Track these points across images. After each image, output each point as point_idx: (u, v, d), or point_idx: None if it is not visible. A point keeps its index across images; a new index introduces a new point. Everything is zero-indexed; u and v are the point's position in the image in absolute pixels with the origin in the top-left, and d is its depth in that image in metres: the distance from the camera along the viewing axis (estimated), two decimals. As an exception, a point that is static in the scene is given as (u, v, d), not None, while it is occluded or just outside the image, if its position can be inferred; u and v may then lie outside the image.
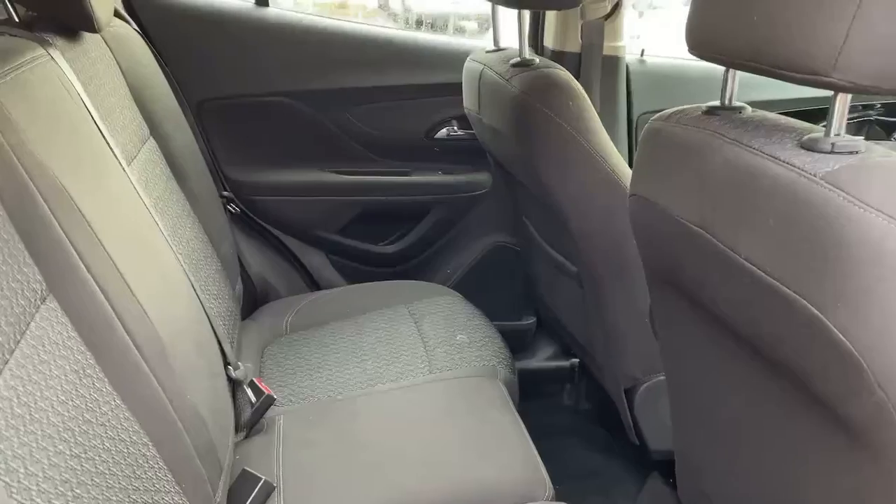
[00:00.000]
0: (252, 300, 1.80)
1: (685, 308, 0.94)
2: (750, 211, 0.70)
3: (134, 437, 0.86)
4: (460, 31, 2.69)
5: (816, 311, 0.63)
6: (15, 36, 1.06)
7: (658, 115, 0.89)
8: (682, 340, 1.02)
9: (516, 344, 2.04)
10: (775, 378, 0.79)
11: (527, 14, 1.34)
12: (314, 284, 1.94)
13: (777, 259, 0.67)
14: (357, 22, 1.80)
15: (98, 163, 1.03)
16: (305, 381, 1.43)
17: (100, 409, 0.81)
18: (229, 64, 1.72)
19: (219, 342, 1.24)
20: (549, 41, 1.78)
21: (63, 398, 0.75)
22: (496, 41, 1.51)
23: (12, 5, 1.15)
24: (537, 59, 1.34)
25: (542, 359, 2.05)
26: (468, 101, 1.55)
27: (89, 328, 0.84)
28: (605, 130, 1.26)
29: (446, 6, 2.94)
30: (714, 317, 0.85)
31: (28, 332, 0.74)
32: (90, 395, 0.80)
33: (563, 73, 1.28)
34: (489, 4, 1.46)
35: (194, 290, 1.20)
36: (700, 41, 0.76)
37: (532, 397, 1.97)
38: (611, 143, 1.26)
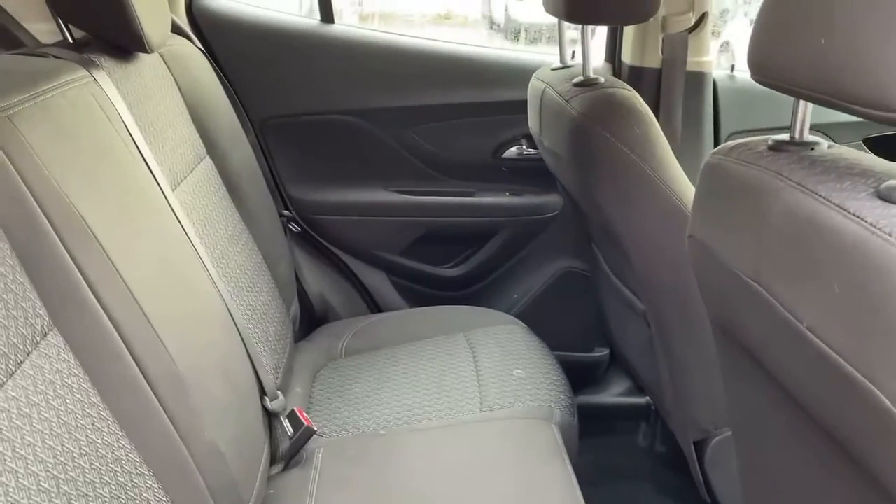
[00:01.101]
0: (310, 320, 1.77)
1: (750, 365, 0.82)
2: (812, 271, 0.58)
3: (136, 481, 0.82)
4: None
5: (891, 406, 0.51)
6: (60, 58, 1.06)
7: (719, 147, 0.77)
8: (748, 397, 0.90)
9: (587, 377, 1.93)
10: (850, 464, 0.66)
11: (590, 29, 1.24)
12: (374, 306, 1.89)
13: (843, 334, 0.55)
14: (423, 38, 1.74)
15: (129, 188, 1.01)
16: (352, 410, 1.38)
17: (96, 449, 0.77)
18: (293, 81, 1.70)
19: (255, 372, 1.20)
20: (626, 56, 1.66)
21: (56, 433, 0.72)
22: (562, 58, 1.41)
23: (67, 27, 1.15)
24: (602, 79, 1.23)
25: (616, 394, 1.92)
26: (531, 121, 1.45)
27: (95, 364, 0.81)
28: (674, 157, 1.14)
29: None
30: (781, 381, 0.73)
31: (22, 368, 0.71)
32: (87, 434, 0.77)
33: (629, 94, 1.17)
34: None
35: (232, 317, 1.16)
36: (763, 66, 0.64)
37: (602, 434, 1.85)
38: (681, 172, 1.14)
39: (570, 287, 1.87)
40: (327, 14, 1.68)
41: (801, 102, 0.68)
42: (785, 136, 0.70)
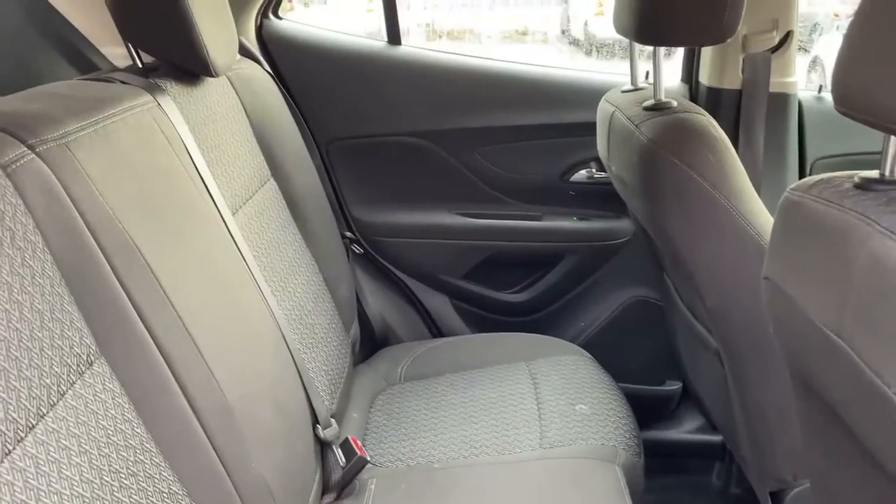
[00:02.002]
0: (371, 343, 1.76)
1: (830, 420, 0.74)
2: (903, 332, 0.51)
3: (178, 513, 0.81)
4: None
5: None
6: (126, 83, 1.07)
7: (799, 183, 0.70)
8: (829, 451, 0.81)
9: (657, 412, 1.84)
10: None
11: (662, 49, 1.18)
12: (436, 330, 1.86)
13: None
14: (490, 59, 1.71)
15: (186, 214, 1.01)
16: (407, 439, 1.34)
17: (137, 481, 0.76)
18: (360, 103, 1.70)
19: (309, 400, 1.18)
20: (704, 76, 1.58)
21: (95, 465, 0.71)
22: (633, 79, 1.34)
23: (137, 52, 1.17)
24: (674, 102, 1.16)
25: (688, 430, 1.83)
26: (600, 146, 1.40)
27: (142, 394, 0.80)
28: (753, 188, 1.06)
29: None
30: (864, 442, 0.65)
31: (64, 399, 0.71)
32: (128, 466, 0.76)
33: (703, 119, 1.10)
34: None
35: (286, 343, 1.15)
36: (848, 97, 0.58)
37: (672, 474, 1.75)
38: (761, 205, 1.06)
39: (640, 317, 1.79)
40: (394, 36, 1.68)
41: (893, 138, 0.60)
42: (874, 173, 0.63)
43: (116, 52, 1.39)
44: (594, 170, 1.71)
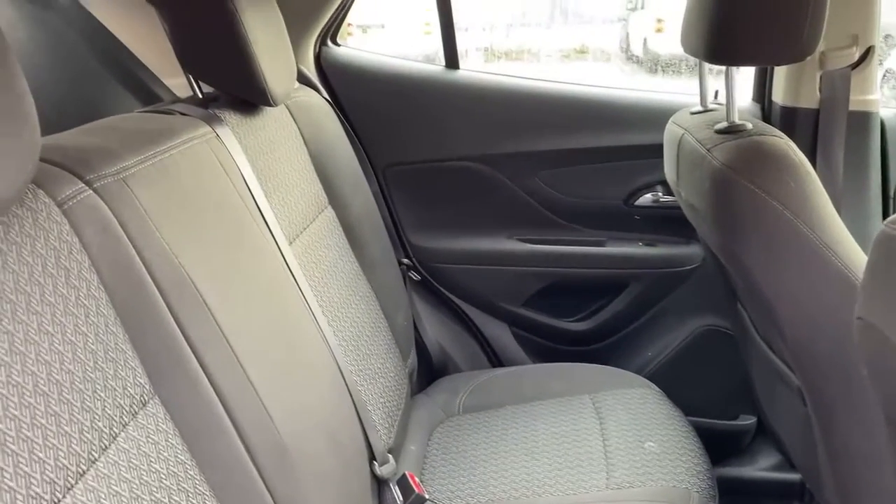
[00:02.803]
0: (429, 371, 1.72)
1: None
2: None
3: (231, 558, 0.78)
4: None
5: None
6: (185, 114, 1.07)
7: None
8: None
9: (730, 447, 1.74)
10: None
11: (735, 70, 1.11)
12: (495, 359, 1.81)
13: None
14: (550, 81, 1.67)
15: (244, 246, 1.00)
16: (466, 475, 1.30)
17: (191, 527, 0.74)
18: (418, 128, 1.68)
19: (365, 435, 1.15)
20: (778, 96, 1.50)
21: None
22: (703, 100, 1.28)
23: (197, 83, 1.18)
24: (749, 124, 1.10)
25: (764, 467, 1.72)
26: (668, 170, 1.33)
27: (195, 434, 0.78)
28: (837, 215, 0.99)
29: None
30: None
31: (116, 442, 0.69)
32: (182, 510, 0.74)
33: (781, 143, 1.03)
34: None
35: (343, 377, 1.12)
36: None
37: (748, 512, 1.66)
38: (846, 232, 0.98)
39: (710, 347, 1.71)
40: (452, 60, 1.66)
41: None
42: None
43: (178, 82, 1.41)
44: (660, 193, 1.64)
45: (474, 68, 1.70)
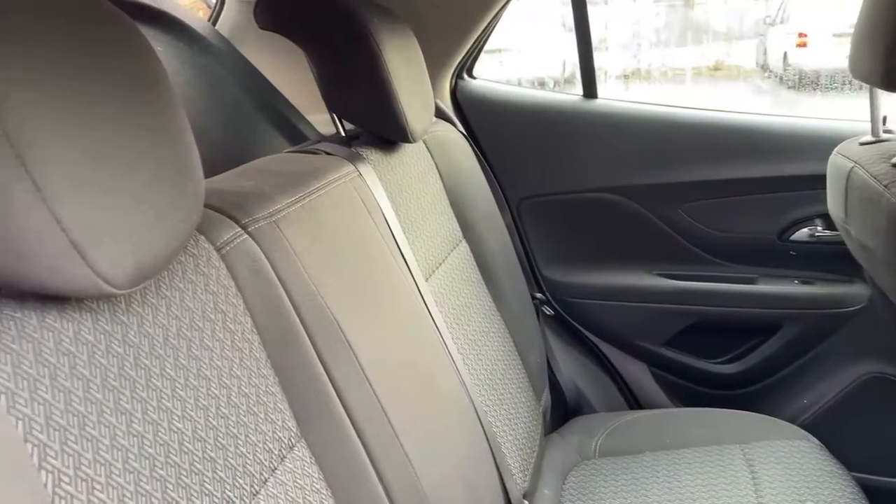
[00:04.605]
0: (562, 411, 1.66)
1: None
2: None
3: None
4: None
5: None
6: (330, 154, 1.09)
7: None
8: None
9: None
10: None
11: (920, 97, 1.00)
12: (633, 400, 1.72)
13: None
14: (695, 108, 1.58)
15: (384, 285, 1.00)
16: (606, 525, 1.23)
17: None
18: (553, 159, 1.64)
19: (501, 479, 1.11)
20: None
21: None
22: (874, 130, 1.17)
23: (340, 121, 1.20)
24: (936, 157, 0.98)
25: (942, 533, 1.53)
26: (833, 205, 1.22)
27: (338, 479, 0.78)
28: None
29: (843, 59, 2.56)
30: None
31: (268, 485, 0.69)
32: (325, 558, 0.73)
33: (978, 178, 0.91)
34: None
35: (480, 421, 1.10)
36: None
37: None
38: None
39: (877, 396, 1.54)
40: (590, 89, 1.61)
41: None
42: None
43: (320, 118, 1.45)
44: (819, 227, 1.51)
45: (613, 96, 1.64)
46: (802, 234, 1.53)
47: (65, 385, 0.50)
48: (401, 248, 1.08)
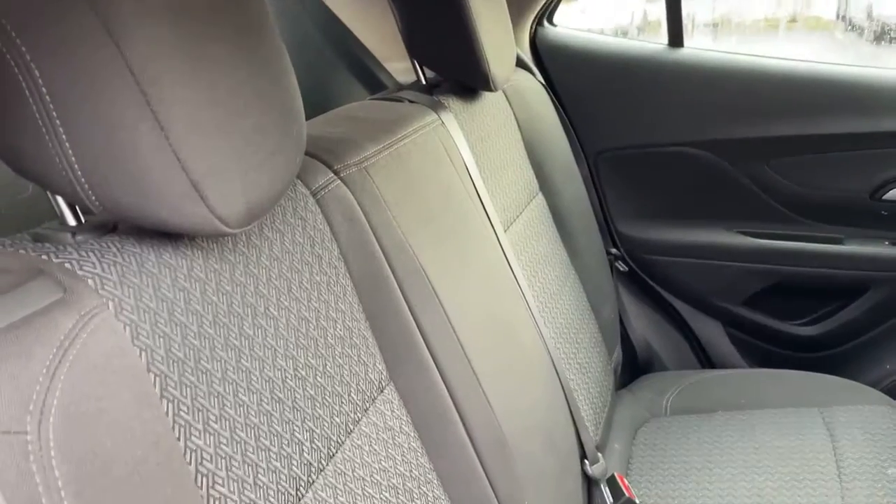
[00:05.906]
0: (633, 368, 1.65)
1: None
2: None
3: (455, 548, 0.79)
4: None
5: None
6: (413, 102, 1.09)
7: None
8: None
9: None
10: None
11: None
12: (706, 360, 1.70)
13: None
14: (789, 59, 1.50)
15: (467, 234, 0.99)
16: (677, 481, 1.23)
17: (422, 514, 0.75)
18: (634, 111, 1.59)
19: (577, 433, 1.12)
20: None
21: (385, 494, 0.71)
22: None
23: (422, 68, 1.19)
24: None
25: None
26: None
27: (424, 422, 0.79)
28: None
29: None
30: None
31: (361, 424, 0.71)
32: (414, 497, 0.75)
33: None
34: None
35: (556, 372, 1.10)
36: None
37: None
38: None
39: None
40: (676, 37, 1.54)
41: None
42: None
43: (398, 66, 1.44)
44: (917, 187, 1.44)
45: (702, 46, 1.57)
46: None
47: (181, 319, 0.52)
48: (482, 199, 1.07)
